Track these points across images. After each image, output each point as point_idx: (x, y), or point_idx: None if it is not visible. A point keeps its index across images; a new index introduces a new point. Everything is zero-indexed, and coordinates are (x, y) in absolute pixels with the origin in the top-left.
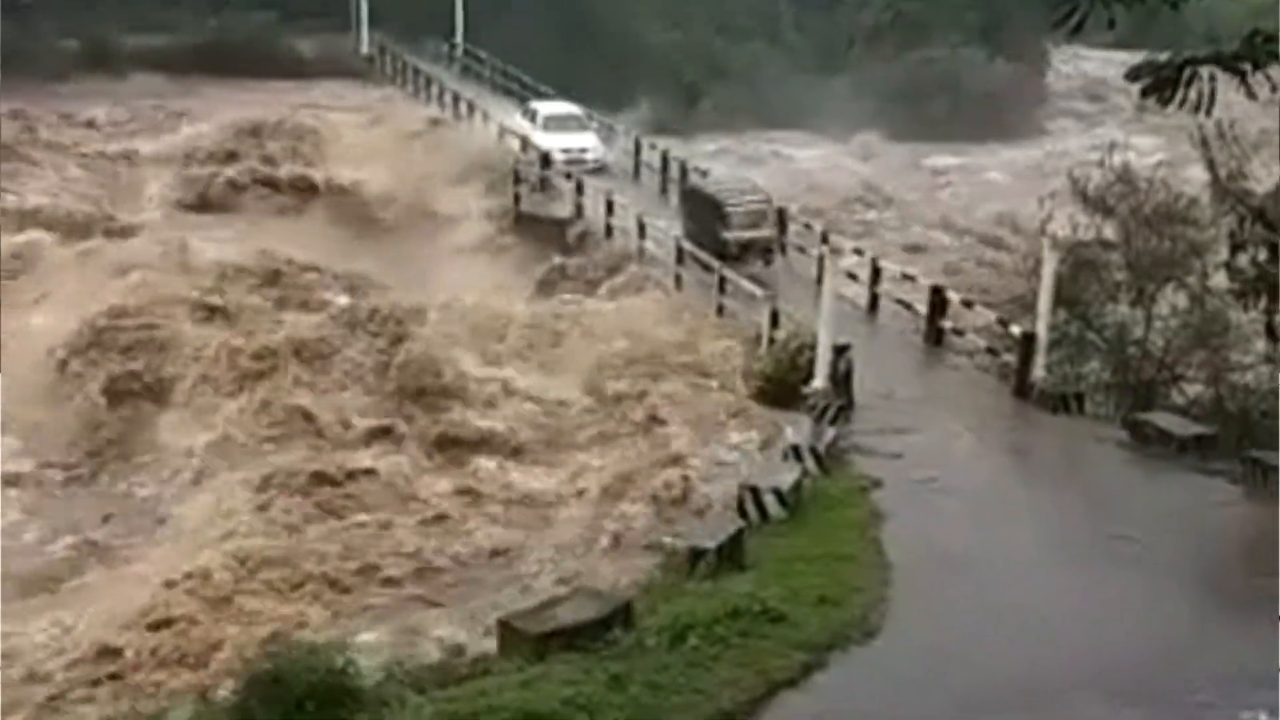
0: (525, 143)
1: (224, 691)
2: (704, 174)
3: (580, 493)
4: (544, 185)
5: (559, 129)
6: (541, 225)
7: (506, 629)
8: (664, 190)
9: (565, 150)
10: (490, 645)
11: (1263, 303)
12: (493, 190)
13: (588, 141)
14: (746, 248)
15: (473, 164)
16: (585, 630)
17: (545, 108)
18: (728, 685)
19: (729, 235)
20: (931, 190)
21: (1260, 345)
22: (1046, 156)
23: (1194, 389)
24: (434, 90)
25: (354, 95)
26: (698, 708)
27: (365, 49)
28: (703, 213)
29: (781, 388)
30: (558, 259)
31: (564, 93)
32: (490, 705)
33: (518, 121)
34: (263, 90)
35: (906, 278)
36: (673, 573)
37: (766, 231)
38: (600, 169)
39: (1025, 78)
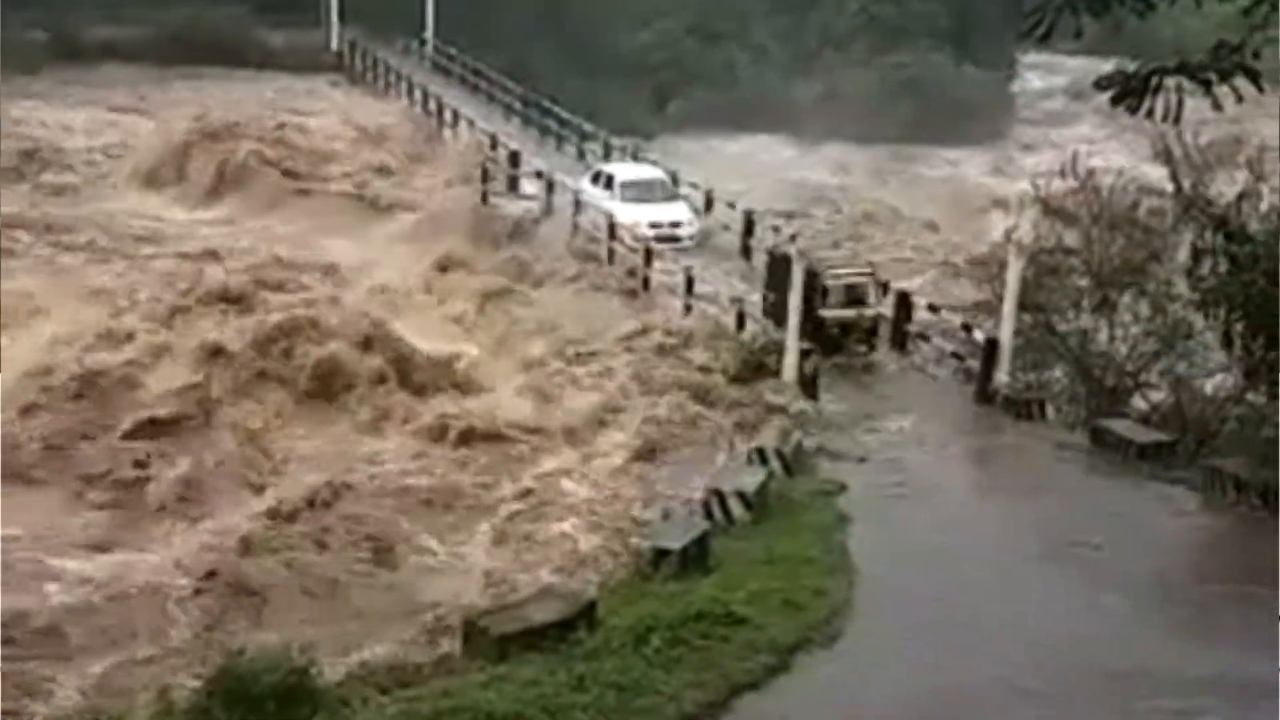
0: (579, 207)
1: (184, 691)
2: (793, 239)
3: None
4: (513, 185)
5: (642, 198)
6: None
7: (470, 629)
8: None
9: (654, 225)
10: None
11: (1223, 312)
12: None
13: (680, 213)
14: (847, 330)
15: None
16: (549, 631)
17: (622, 172)
18: (690, 687)
19: (827, 314)
20: (899, 194)
21: (1220, 354)
22: (1012, 162)
23: (1156, 396)
24: (403, 87)
25: (321, 91)
26: (660, 709)
27: (335, 45)
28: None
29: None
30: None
31: (534, 89)
32: (453, 706)
33: (586, 188)
34: (231, 83)
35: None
36: (637, 574)
37: (870, 310)
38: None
39: (994, 84)
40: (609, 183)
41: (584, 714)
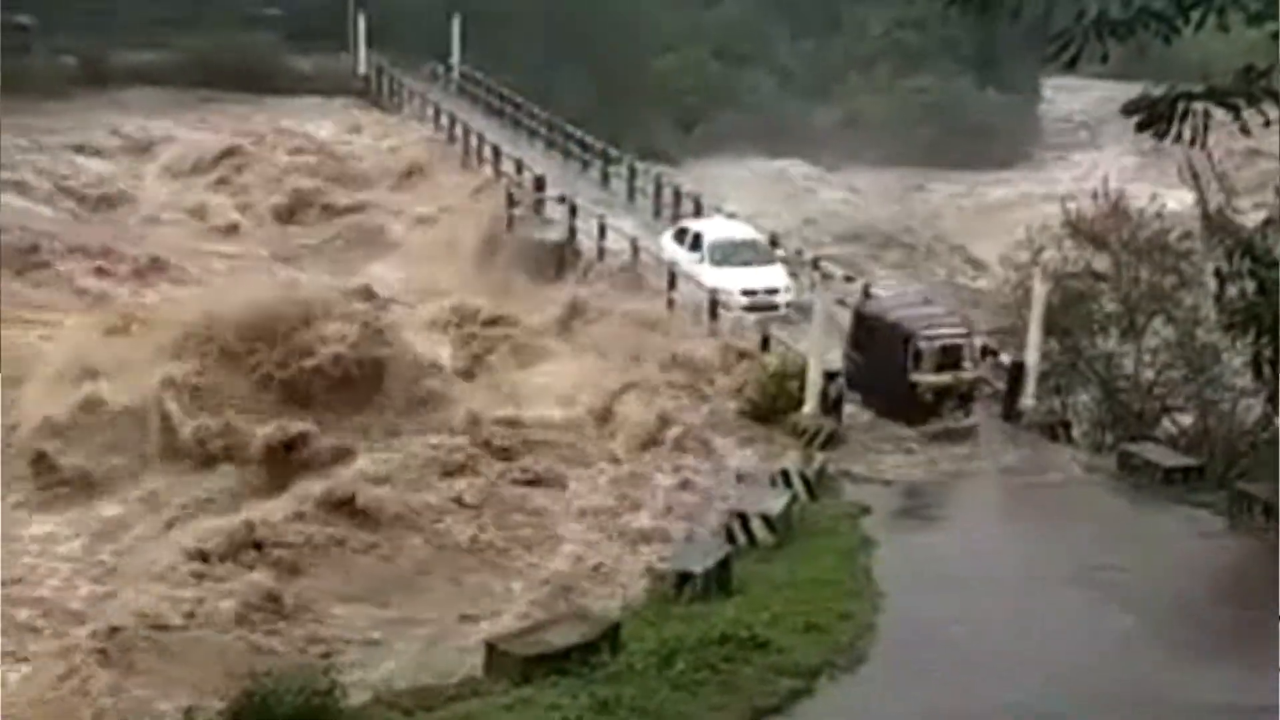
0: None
1: (208, 714)
2: (867, 293)
3: None
4: (538, 209)
5: (733, 260)
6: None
7: (493, 651)
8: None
9: (748, 293)
10: None
11: (1250, 336)
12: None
13: (777, 279)
14: (942, 395)
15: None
16: (572, 653)
17: (711, 230)
18: (714, 711)
19: (921, 378)
20: (922, 218)
21: (1247, 379)
22: (1038, 186)
23: (1183, 420)
24: (429, 111)
25: (346, 114)
26: None
27: (362, 69)
28: (881, 345)
29: (771, 414)
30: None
31: (559, 113)
32: None
33: (669, 247)
34: (258, 108)
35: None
36: (660, 597)
37: (968, 373)
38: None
39: (1018, 108)
40: (696, 242)
41: None
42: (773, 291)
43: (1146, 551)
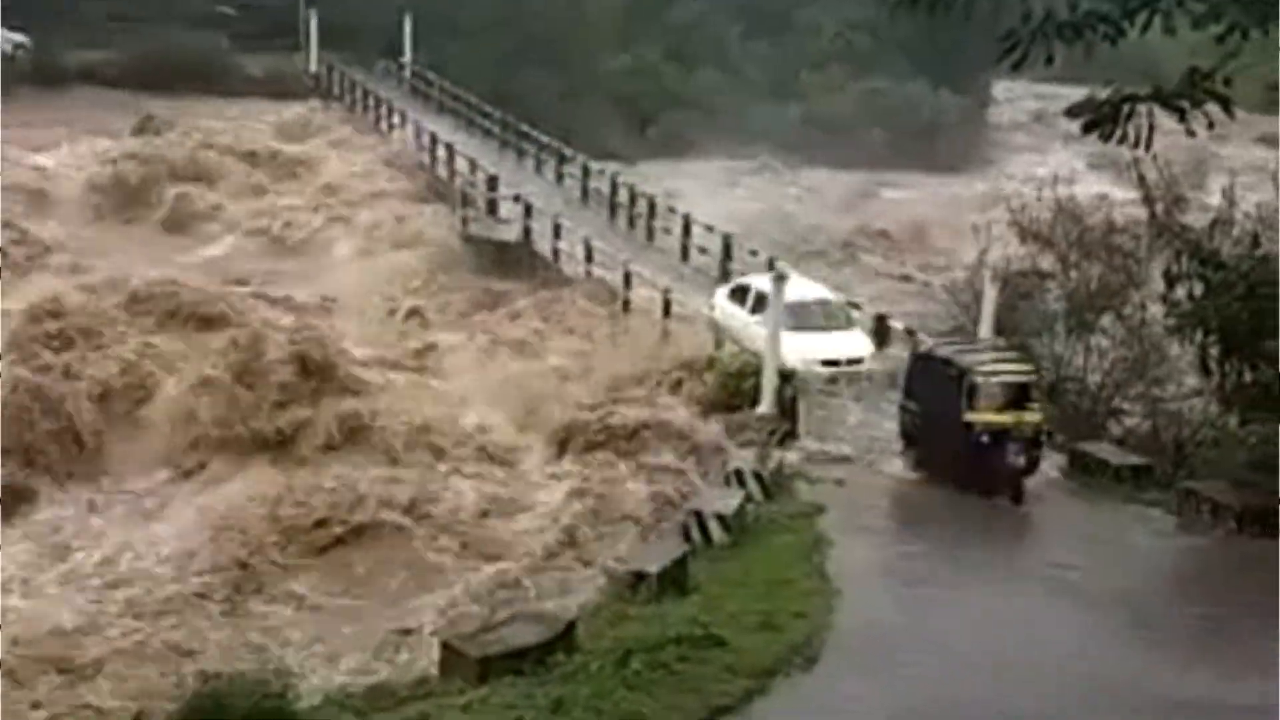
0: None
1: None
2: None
3: None
4: (491, 209)
5: (807, 325)
6: (489, 248)
7: (448, 650)
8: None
9: (830, 363)
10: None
11: (1198, 336)
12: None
13: (859, 346)
14: (1001, 438)
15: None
16: (528, 653)
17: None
18: (669, 710)
19: (975, 418)
20: (875, 219)
21: (1194, 378)
22: (987, 187)
23: (1131, 421)
24: (381, 111)
25: (299, 116)
26: None
27: (313, 68)
28: (934, 388)
29: (727, 413)
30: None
31: (512, 112)
32: None
33: (725, 307)
34: (208, 107)
35: (852, 305)
36: (616, 596)
37: (1032, 416)
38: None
39: (969, 110)
40: (761, 303)
41: None
42: (856, 361)
43: (1100, 550)
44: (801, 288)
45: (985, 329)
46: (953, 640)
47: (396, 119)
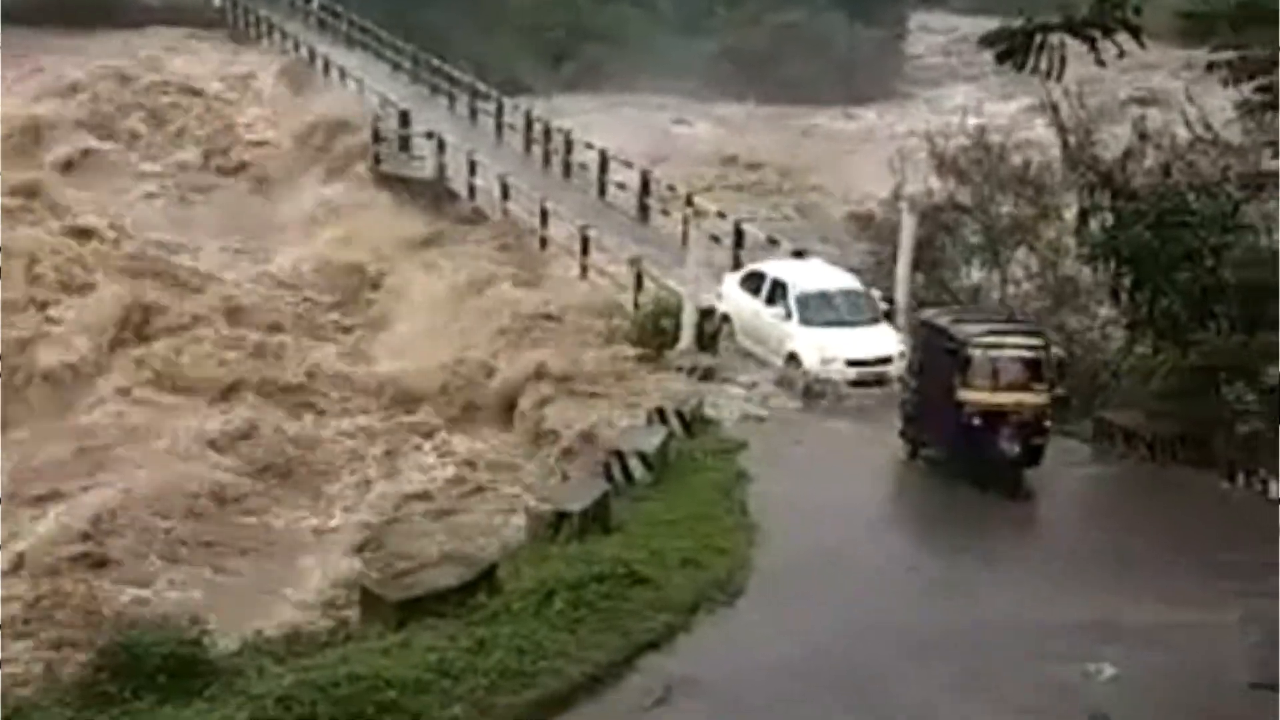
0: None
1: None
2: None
3: None
4: (404, 145)
5: (831, 319)
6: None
7: (368, 596)
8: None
9: (857, 363)
10: None
11: (1110, 267)
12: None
13: (888, 343)
14: (996, 420)
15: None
16: (449, 596)
17: (798, 278)
18: (593, 648)
19: (968, 396)
20: (792, 153)
21: (1107, 308)
22: (903, 119)
23: None
24: (288, 44)
25: (201, 48)
26: (562, 671)
27: (217, 1)
28: (933, 359)
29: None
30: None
31: (424, 47)
32: (351, 673)
33: (735, 295)
34: (109, 40)
35: (771, 241)
36: (538, 536)
37: (1036, 397)
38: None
39: (885, 42)
40: (776, 293)
41: (485, 678)
42: (884, 361)
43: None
44: (824, 275)
45: (904, 263)
46: (869, 571)
47: (304, 52)
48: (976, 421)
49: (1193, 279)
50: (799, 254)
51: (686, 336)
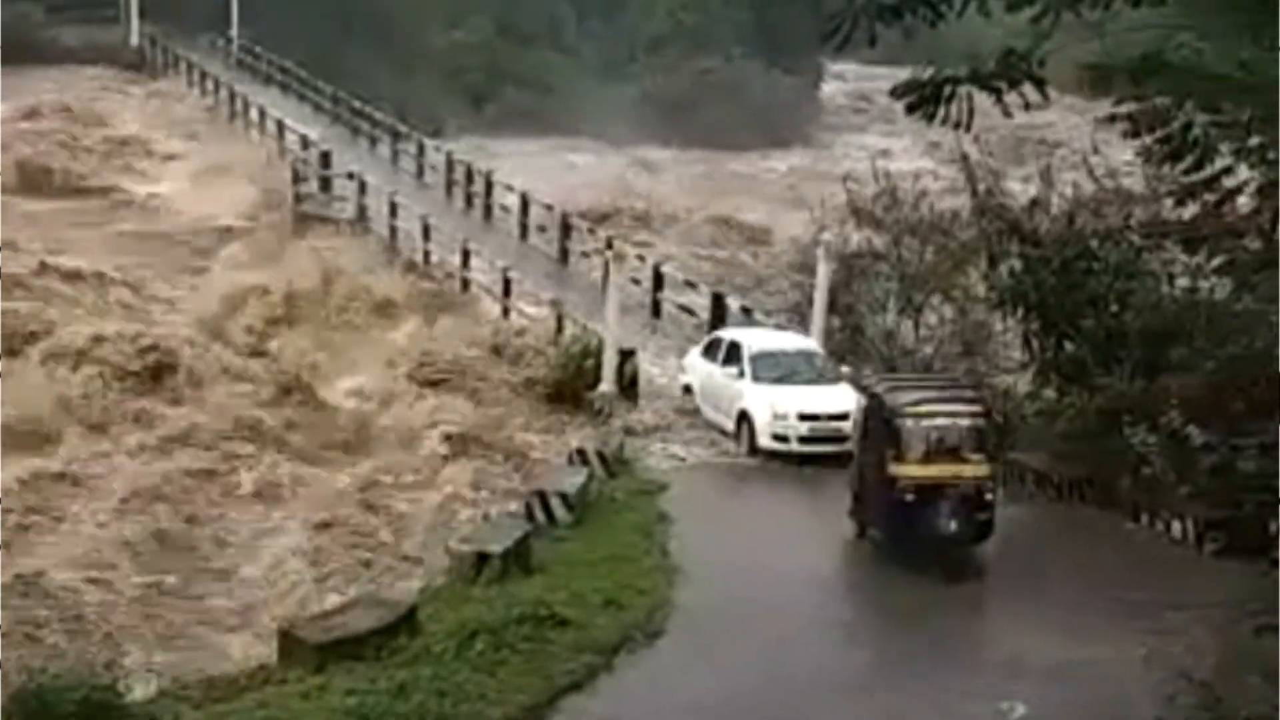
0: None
1: None
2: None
3: None
4: (325, 186)
5: (785, 377)
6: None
7: (286, 638)
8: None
9: (808, 417)
10: None
11: (1019, 313)
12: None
13: (844, 401)
14: (929, 495)
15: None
16: (369, 638)
17: (752, 340)
18: (514, 690)
19: (898, 470)
20: (710, 197)
21: (1018, 353)
22: (817, 165)
23: None
24: (208, 85)
25: (117, 88)
26: (483, 714)
27: (135, 40)
28: (871, 430)
29: (567, 393)
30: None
31: (345, 88)
32: (269, 718)
33: (698, 366)
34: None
35: (688, 284)
36: (459, 578)
37: (974, 468)
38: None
39: (801, 90)
40: (733, 354)
41: None
42: (839, 418)
43: None
44: (778, 338)
45: (819, 308)
46: (788, 612)
47: (224, 93)
48: (909, 498)
49: (1097, 325)
50: (747, 311)
51: (608, 378)
